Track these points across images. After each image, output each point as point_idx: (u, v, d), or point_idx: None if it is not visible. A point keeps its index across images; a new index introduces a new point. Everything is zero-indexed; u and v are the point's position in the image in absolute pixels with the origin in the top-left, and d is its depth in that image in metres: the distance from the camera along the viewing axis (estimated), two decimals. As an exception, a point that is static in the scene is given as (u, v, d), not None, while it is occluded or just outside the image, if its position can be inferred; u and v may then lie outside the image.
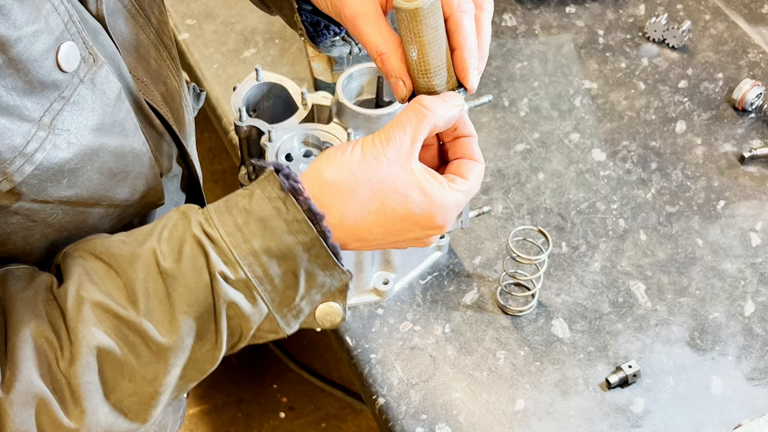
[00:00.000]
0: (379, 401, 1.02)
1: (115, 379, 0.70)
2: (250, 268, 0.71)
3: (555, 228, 1.18)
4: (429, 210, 0.73)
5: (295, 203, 0.71)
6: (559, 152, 1.27)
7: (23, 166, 0.66)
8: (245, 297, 0.72)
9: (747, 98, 1.31)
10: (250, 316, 0.73)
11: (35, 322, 0.68)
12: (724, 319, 1.09)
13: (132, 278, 0.70)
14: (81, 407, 0.69)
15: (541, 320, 1.09)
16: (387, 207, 0.73)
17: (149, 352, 0.70)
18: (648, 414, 1.01)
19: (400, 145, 0.72)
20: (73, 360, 0.68)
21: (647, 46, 1.42)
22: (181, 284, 0.70)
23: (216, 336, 0.73)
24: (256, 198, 0.72)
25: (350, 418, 2.02)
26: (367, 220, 0.73)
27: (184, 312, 0.70)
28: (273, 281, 0.72)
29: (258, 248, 0.71)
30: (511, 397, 1.02)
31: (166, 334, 0.70)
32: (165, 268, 0.70)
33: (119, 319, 0.69)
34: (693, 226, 1.18)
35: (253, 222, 0.71)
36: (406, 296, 1.11)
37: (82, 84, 0.69)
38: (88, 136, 0.70)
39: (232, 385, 2.07)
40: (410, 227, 0.74)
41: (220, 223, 0.71)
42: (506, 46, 1.41)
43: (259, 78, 1.03)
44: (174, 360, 0.71)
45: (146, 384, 0.71)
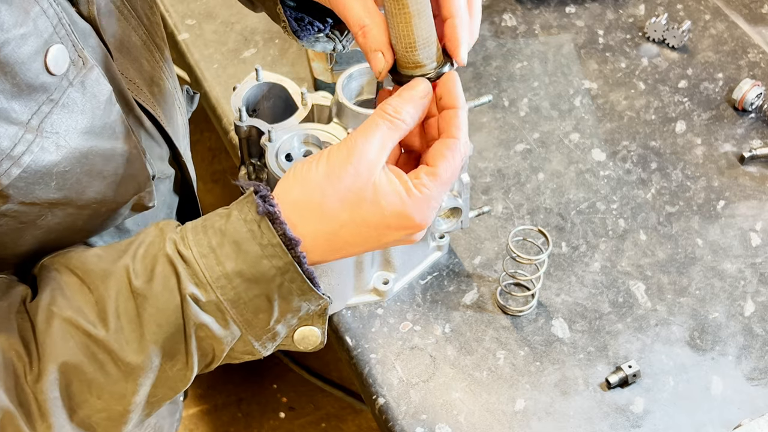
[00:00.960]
0: (379, 401, 1.02)
1: (83, 396, 0.70)
2: (222, 290, 0.70)
3: (555, 228, 1.18)
4: (401, 213, 0.71)
5: (270, 227, 0.69)
6: (559, 152, 1.27)
7: (10, 168, 0.65)
8: (216, 320, 0.71)
9: (747, 98, 1.31)
10: (222, 338, 0.72)
11: (6, 335, 0.68)
12: (724, 319, 1.09)
13: (104, 296, 0.70)
14: (47, 422, 0.68)
15: (541, 320, 1.09)
16: (357, 217, 0.71)
17: (118, 370, 0.70)
18: (648, 414, 1.01)
19: (366, 154, 0.70)
20: (40, 375, 0.68)
21: (647, 46, 1.42)
22: (152, 304, 0.69)
23: (186, 357, 0.72)
24: (232, 219, 0.70)
25: (350, 418, 2.02)
26: (340, 233, 0.71)
27: (154, 332, 0.70)
28: (246, 305, 0.71)
29: (231, 271, 0.70)
30: (511, 397, 1.02)
31: (135, 354, 0.69)
32: (136, 287, 0.70)
33: (88, 337, 0.69)
34: (693, 226, 1.18)
35: (228, 244, 0.70)
36: (406, 296, 1.11)
37: (71, 87, 0.68)
38: (78, 138, 0.70)
39: (232, 385, 2.07)
40: (386, 232, 0.72)
41: (195, 243, 0.70)
42: (506, 46, 1.41)
43: (259, 78, 1.03)
44: (143, 380, 0.71)
45: (115, 402, 0.71)
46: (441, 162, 0.72)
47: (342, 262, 1.02)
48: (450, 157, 0.72)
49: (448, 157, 0.72)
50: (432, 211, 0.73)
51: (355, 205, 0.70)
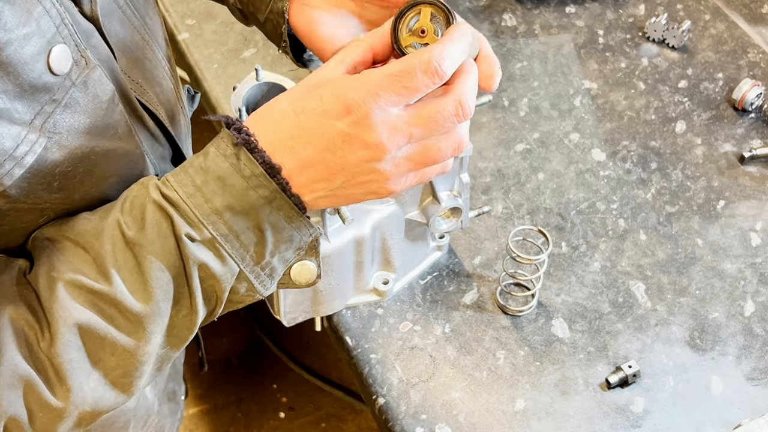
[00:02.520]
0: (379, 401, 1.02)
1: (97, 354, 0.70)
2: (214, 226, 0.70)
3: (555, 228, 1.18)
4: (335, 91, 0.67)
5: (250, 157, 0.69)
6: (559, 152, 1.27)
7: (13, 169, 0.65)
8: (214, 256, 0.71)
9: (747, 98, 1.31)
10: (221, 276, 0.72)
11: (13, 306, 0.69)
12: (724, 319, 1.09)
13: (100, 252, 0.70)
14: (66, 385, 0.69)
15: (541, 320, 1.09)
16: (299, 104, 0.69)
17: (127, 322, 0.70)
18: (648, 414, 1.01)
19: (323, 68, 0.71)
20: (53, 339, 0.68)
21: (647, 46, 1.42)
22: (149, 251, 0.70)
23: (190, 300, 0.72)
24: (211, 156, 0.71)
25: (350, 418, 2.02)
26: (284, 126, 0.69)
27: (156, 278, 0.70)
28: (239, 237, 0.71)
29: (220, 206, 0.70)
30: (511, 397, 1.02)
31: (142, 302, 0.70)
32: (130, 237, 0.70)
33: (93, 294, 0.69)
34: (693, 226, 1.18)
35: (212, 181, 0.70)
36: (405, 296, 1.11)
37: (74, 87, 0.68)
38: (80, 138, 0.70)
39: (231, 385, 2.07)
40: (325, 117, 0.68)
41: (179, 184, 0.71)
42: (506, 46, 1.41)
43: (259, 78, 1.03)
44: (153, 327, 0.71)
45: (128, 355, 0.71)
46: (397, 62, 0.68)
47: (342, 262, 1.02)
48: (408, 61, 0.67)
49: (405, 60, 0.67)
50: (369, 94, 0.66)
51: (298, 98, 0.69)
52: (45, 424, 0.70)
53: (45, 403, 0.69)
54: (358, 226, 1.01)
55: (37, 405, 0.69)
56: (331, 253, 1.00)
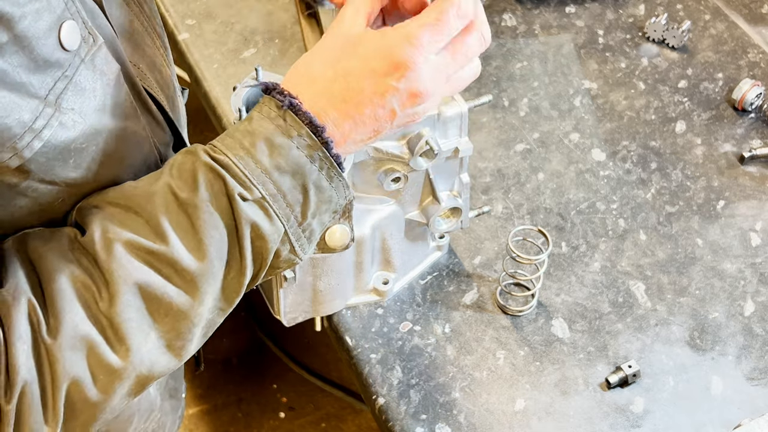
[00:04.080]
0: (379, 401, 1.02)
1: (154, 314, 0.71)
2: (264, 186, 0.73)
3: (555, 228, 1.18)
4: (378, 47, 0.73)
5: (296, 118, 0.73)
6: (559, 152, 1.27)
7: (32, 141, 0.67)
8: (264, 215, 0.73)
9: (747, 98, 1.31)
10: (269, 236, 0.74)
11: (68, 269, 0.70)
12: (724, 319, 1.09)
13: (153, 213, 0.71)
14: (126, 345, 0.70)
15: (541, 320, 1.09)
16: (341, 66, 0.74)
17: (183, 281, 0.72)
18: (648, 414, 1.01)
19: (341, 22, 0.76)
20: (112, 300, 0.69)
21: (647, 46, 1.42)
22: (204, 210, 0.71)
23: (241, 260, 0.74)
24: (256, 119, 0.74)
25: (350, 418, 2.02)
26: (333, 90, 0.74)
27: (211, 236, 0.72)
28: (286, 197, 0.74)
29: (268, 166, 0.73)
30: (511, 397, 1.02)
31: (197, 262, 0.72)
32: (184, 198, 0.72)
33: (150, 254, 0.71)
34: (693, 226, 1.18)
35: (259, 142, 0.73)
36: (405, 296, 1.11)
37: (83, 64, 0.70)
38: (92, 116, 0.71)
39: (232, 385, 2.07)
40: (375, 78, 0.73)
41: (227, 148, 0.73)
42: (506, 46, 1.42)
43: (259, 78, 1.03)
44: (206, 286, 0.73)
45: (182, 316, 0.72)
46: (426, 10, 0.74)
47: (342, 262, 1.02)
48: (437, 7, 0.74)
49: (434, 6, 0.74)
50: (413, 48, 0.73)
51: (337, 59, 0.74)
52: (104, 385, 0.70)
53: (105, 363, 0.70)
54: (358, 226, 1.01)
55: (97, 366, 0.69)
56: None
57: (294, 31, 1.41)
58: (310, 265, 1.01)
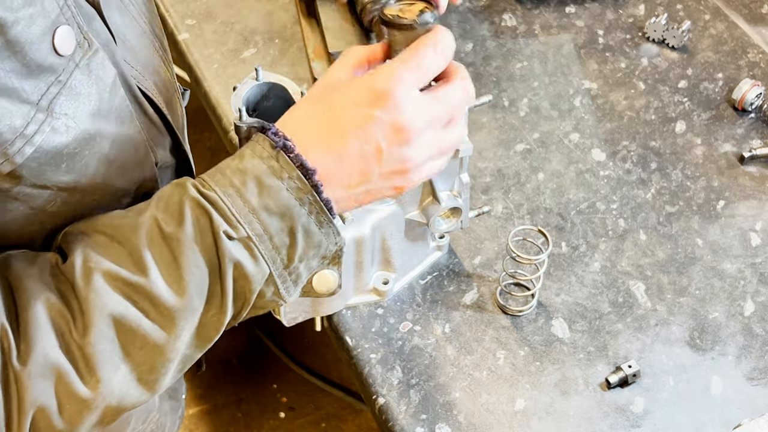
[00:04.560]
0: (379, 401, 1.02)
1: (127, 347, 0.71)
2: (251, 225, 0.72)
3: (555, 228, 1.18)
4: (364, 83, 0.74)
5: (288, 160, 0.73)
6: (559, 152, 1.27)
7: (24, 147, 0.66)
8: (249, 255, 0.73)
9: (747, 98, 1.31)
10: (253, 276, 0.73)
11: (45, 296, 0.69)
12: (724, 319, 1.09)
13: (137, 246, 0.71)
14: (96, 376, 0.70)
15: (541, 320, 1.09)
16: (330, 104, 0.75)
17: (160, 316, 0.71)
18: (648, 414, 1.01)
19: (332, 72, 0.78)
20: (86, 329, 0.69)
21: (647, 46, 1.42)
22: (187, 246, 0.71)
23: (222, 299, 0.73)
24: (247, 158, 0.73)
25: (350, 418, 2.02)
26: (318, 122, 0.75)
27: (192, 273, 0.71)
28: (273, 239, 0.73)
29: (257, 206, 0.72)
30: (511, 396, 1.02)
31: (176, 297, 0.71)
32: (168, 232, 0.71)
33: (129, 286, 0.70)
34: (693, 226, 1.18)
35: (250, 181, 0.72)
36: (406, 296, 1.11)
37: (77, 69, 0.70)
38: (86, 121, 0.71)
39: (232, 385, 2.07)
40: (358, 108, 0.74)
41: (216, 184, 0.73)
42: (506, 46, 1.41)
43: (259, 78, 1.03)
44: (183, 323, 0.72)
45: (157, 351, 0.72)
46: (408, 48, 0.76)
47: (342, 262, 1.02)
48: (417, 46, 0.76)
49: (413, 46, 0.76)
50: (396, 79, 0.74)
51: (326, 99, 0.75)
52: (71, 415, 0.70)
53: (74, 393, 0.69)
54: (358, 226, 1.01)
55: (66, 395, 0.69)
56: (331, 253, 1.00)
57: (294, 31, 1.41)
58: (310, 265, 1.01)
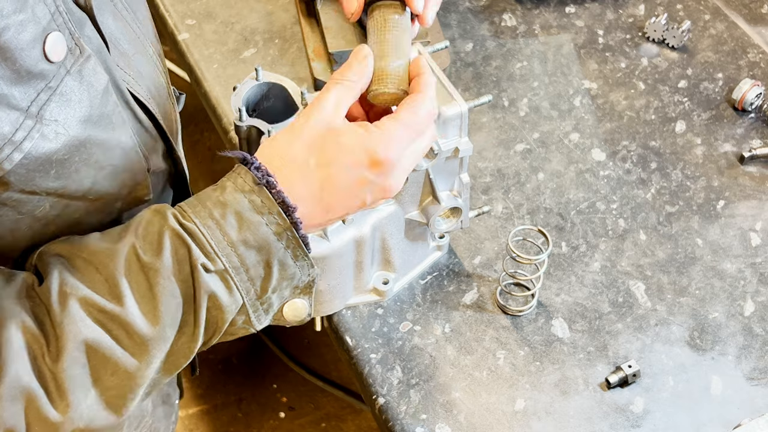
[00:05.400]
0: (379, 401, 1.02)
1: (98, 373, 0.71)
2: (228, 258, 0.73)
3: (555, 228, 1.18)
4: (362, 144, 0.76)
5: (270, 196, 0.74)
6: (558, 152, 1.27)
7: (12, 154, 0.66)
8: (224, 287, 0.74)
9: (747, 98, 1.31)
10: (227, 308, 0.75)
11: (20, 318, 0.69)
12: (724, 319, 1.09)
13: (113, 273, 0.71)
14: (66, 401, 0.70)
15: (541, 320, 1.09)
16: (323, 158, 0.76)
17: (133, 344, 0.71)
18: (648, 414, 1.01)
19: (322, 110, 0.77)
20: (59, 354, 0.69)
21: (647, 46, 1.42)
22: (164, 276, 0.72)
23: (194, 328, 0.74)
24: (229, 191, 0.74)
25: (350, 418, 2.02)
26: (313, 179, 0.76)
27: (167, 303, 0.72)
28: (249, 271, 0.75)
29: (235, 239, 0.73)
30: (510, 396, 1.02)
31: (150, 326, 0.72)
32: (146, 261, 0.72)
33: (104, 313, 0.71)
34: (693, 226, 1.18)
35: (230, 214, 0.73)
36: (406, 296, 1.11)
37: (68, 75, 0.70)
38: (76, 127, 0.71)
39: (232, 385, 2.07)
40: (354, 170, 0.77)
41: (195, 215, 0.73)
42: (506, 46, 1.42)
43: (259, 78, 1.03)
44: (156, 351, 0.73)
45: (127, 377, 0.72)
46: (403, 109, 0.79)
47: (342, 262, 1.02)
48: (412, 104, 0.79)
49: (410, 105, 0.79)
50: (395, 148, 0.77)
51: (320, 148, 0.76)
52: None
53: (43, 416, 0.69)
54: (358, 226, 1.01)
55: (35, 419, 0.69)
56: (331, 253, 1.00)
57: (294, 31, 1.41)
58: (310, 265, 1.01)
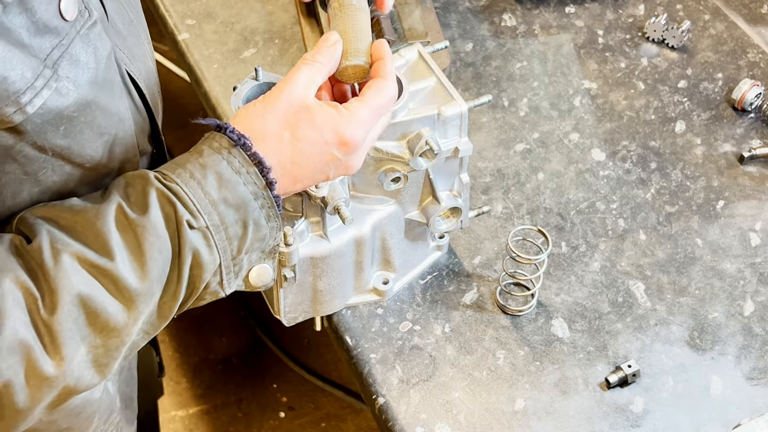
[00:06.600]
0: (379, 401, 1.02)
1: (89, 328, 0.72)
2: (209, 216, 0.76)
3: (555, 228, 1.18)
4: (333, 126, 0.81)
5: (246, 156, 0.78)
6: (558, 152, 1.27)
7: (34, 99, 0.70)
8: (206, 245, 0.77)
9: (746, 98, 1.31)
10: (207, 266, 0.77)
11: (13, 273, 0.70)
12: (724, 319, 1.09)
13: (102, 230, 0.73)
14: (60, 354, 0.71)
15: (541, 320, 1.09)
16: (297, 132, 0.80)
17: (122, 298, 0.73)
18: (647, 414, 1.01)
19: (295, 87, 0.81)
20: (54, 308, 0.70)
21: (647, 46, 1.42)
22: (151, 233, 0.74)
23: (177, 285, 0.77)
24: (206, 153, 0.78)
25: (350, 418, 2.02)
26: (285, 151, 0.80)
27: (155, 258, 0.74)
28: (227, 230, 0.78)
29: (216, 198, 0.76)
30: (510, 396, 1.02)
31: (139, 281, 0.73)
32: (133, 219, 0.74)
33: (95, 267, 0.72)
34: (692, 226, 1.18)
35: (210, 174, 0.77)
36: (405, 296, 1.11)
37: (78, 36, 0.73)
38: (85, 86, 0.74)
39: (231, 385, 2.07)
40: (324, 148, 0.82)
41: (177, 176, 0.76)
42: (506, 46, 1.42)
43: (259, 78, 1.03)
44: (143, 307, 0.75)
45: (115, 333, 0.74)
46: (369, 92, 0.84)
47: (342, 262, 1.02)
48: (377, 89, 0.84)
49: (374, 89, 0.84)
50: (362, 130, 0.83)
51: (294, 124, 0.80)
52: (33, 393, 0.71)
53: (39, 370, 0.70)
54: (358, 226, 1.01)
55: (31, 372, 0.70)
56: (331, 253, 1.00)
57: (294, 31, 1.41)
58: (310, 265, 1.01)
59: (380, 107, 0.84)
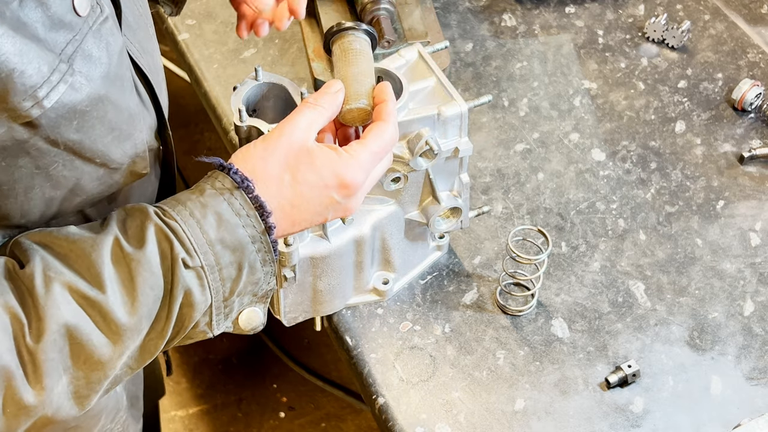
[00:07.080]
0: (379, 401, 1.02)
1: (72, 359, 0.72)
2: (204, 256, 0.76)
3: (555, 228, 1.18)
4: (334, 170, 0.80)
5: (247, 199, 0.77)
6: (558, 152, 1.27)
7: (50, 93, 0.70)
8: (198, 284, 0.76)
9: (746, 98, 1.31)
10: (197, 305, 0.77)
11: (2, 298, 0.70)
12: (724, 319, 1.09)
13: (96, 261, 0.73)
14: (41, 384, 0.70)
15: (541, 320, 1.09)
16: (298, 175, 0.80)
17: (109, 332, 0.73)
18: (647, 414, 1.01)
19: (295, 130, 0.81)
20: (40, 336, 0.70)
21: (647, 46, 1.42)
22: (145, 268, 0.74)
23: (165, 323, 0.76)
24: (208, 193, 0.77)
25: (350, 418, 2.02)
26: (285, 194, 0.80)
27: (146, 294, 0.74)
28: (222, 271, 0.77)
29: (213, 238, 0.76)
30: (510, 396, 1.02)
31: (128, 316, 0.73)
32: (129, 252, 0.74)
33: (85, 299, 0.72)
34: (692, 226, 1.18)
35: (210, 214, 0.76)
36: (405, 296, 1.11)
37: (90, 32, 0.74)
38: (98, 81, 0.75)
39: (232, 385, 2.07)
40: (325, 191, 0.81)
41: (177, 213, 0.76)
42: (506, 46, 1.42)
43: (259, 78, 1.03)
44: (129, 342, 0.74)
45: (98, 366, 0.73)
46: (370, 135, 0.83)
47: (342, 262, 1.02)
48: (377, 132, 0.84)
49: (376, 132, 0.83)
50: (363, 173, 0.82)
51: (294, 167, 0.80)
52: (9, 420, 0.70)
53: (18, 398, 0.70)
54: (358, 226, 1.01)
55: (11, 399, 0.69)
56: (331, 253, 1.00)
57: (294, 31, 1.41)
58: (311, 265, 1.01)
59: (380, 150, 0.83)
